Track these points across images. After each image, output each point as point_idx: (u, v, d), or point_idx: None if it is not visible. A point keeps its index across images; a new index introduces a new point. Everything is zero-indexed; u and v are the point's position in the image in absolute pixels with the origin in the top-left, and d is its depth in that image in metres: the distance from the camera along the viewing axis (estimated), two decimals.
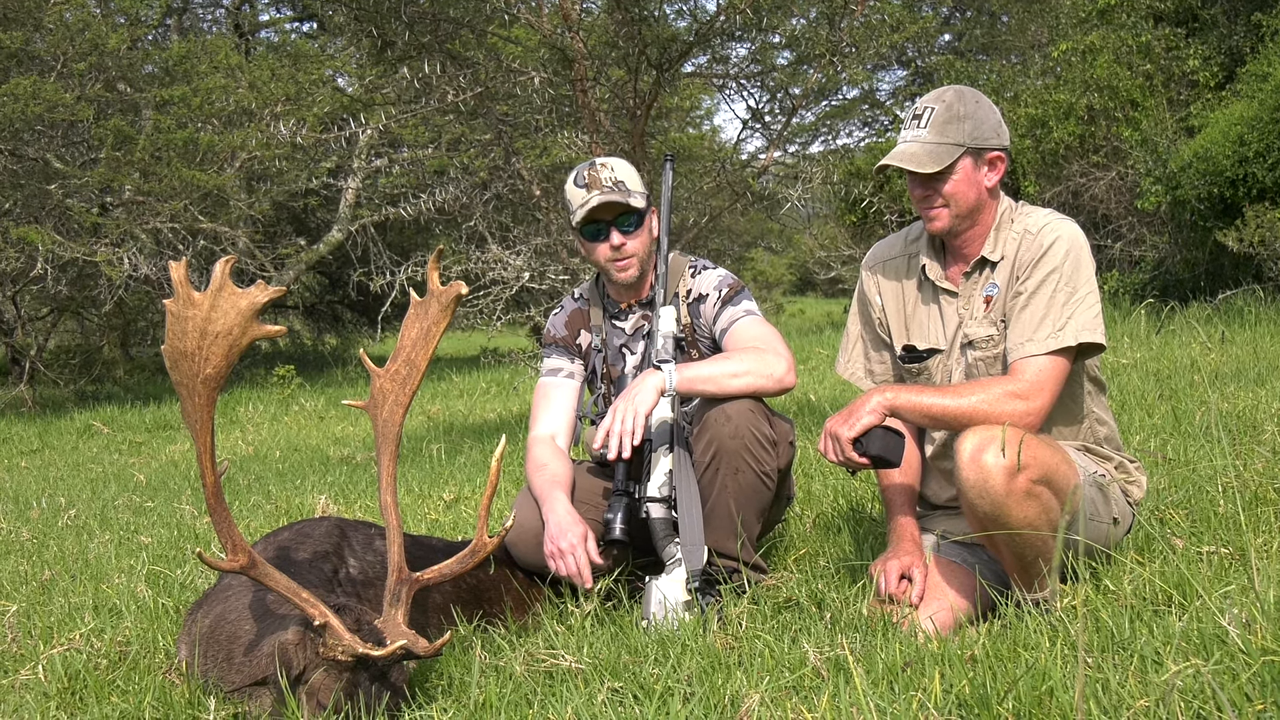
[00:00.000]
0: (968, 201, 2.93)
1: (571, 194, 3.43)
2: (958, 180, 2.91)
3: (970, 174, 2.91)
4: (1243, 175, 10.26)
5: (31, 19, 14.75)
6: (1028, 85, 14.07)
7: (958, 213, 2.93)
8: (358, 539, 3.09)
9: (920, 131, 2.92)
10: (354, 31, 8.21)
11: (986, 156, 2.93)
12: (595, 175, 3.40)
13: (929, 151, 2.89)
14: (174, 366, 2.45)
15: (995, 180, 2.95)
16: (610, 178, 3.39)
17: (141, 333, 20.27)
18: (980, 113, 2.92)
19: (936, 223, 2.97)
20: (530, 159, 10.31)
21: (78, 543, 5.17)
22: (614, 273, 3.44)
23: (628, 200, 3.34)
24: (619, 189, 3.37)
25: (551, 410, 3.53)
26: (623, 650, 2.74)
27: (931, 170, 2.87)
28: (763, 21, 7.80)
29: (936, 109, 2.91)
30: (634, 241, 3.40)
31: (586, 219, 3.37)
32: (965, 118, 2.89)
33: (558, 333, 3.62)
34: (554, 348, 3.60)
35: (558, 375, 3.57)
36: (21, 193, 14.95)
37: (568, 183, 3.46)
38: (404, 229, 18.91)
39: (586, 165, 3.44)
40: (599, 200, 3.33)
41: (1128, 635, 2.34)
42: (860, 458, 2.80)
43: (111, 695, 2.80)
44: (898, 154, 2.92)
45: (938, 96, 2.95)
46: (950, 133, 2.89)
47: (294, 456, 9.10)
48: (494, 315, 8.49)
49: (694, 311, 3.47)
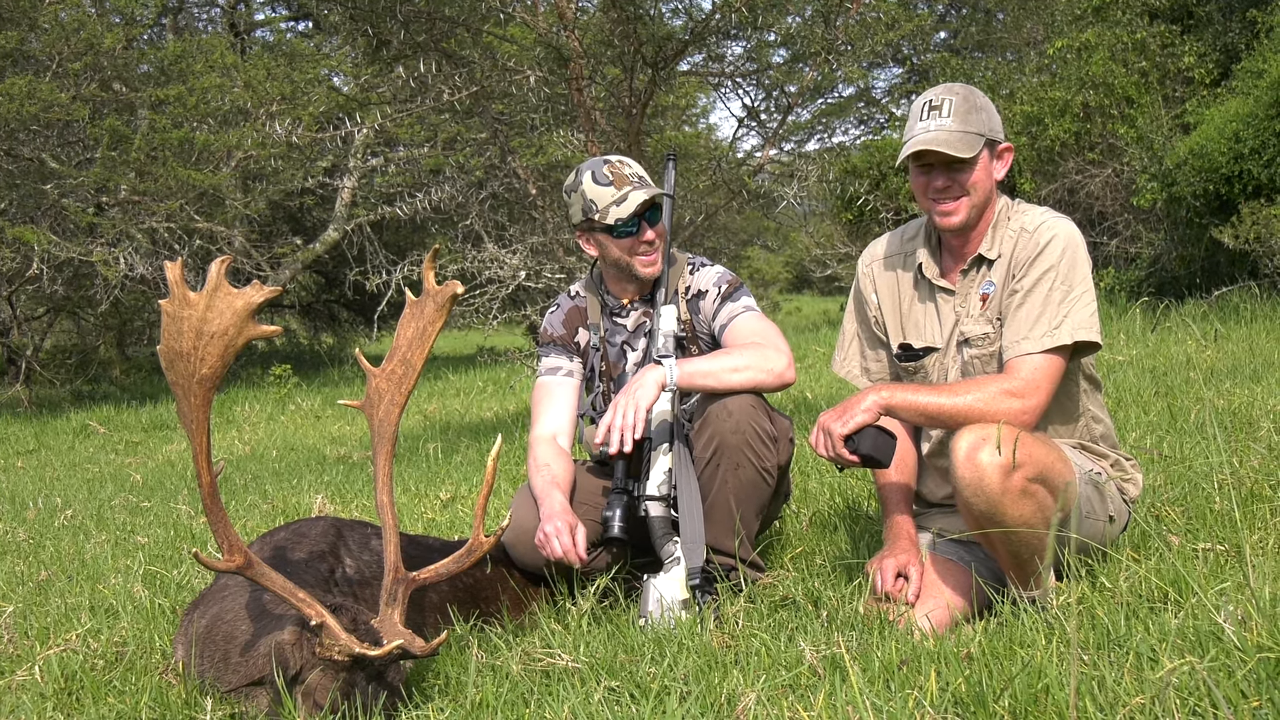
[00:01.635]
0: (985, 191, 2.95)
1: (595, 192, 3.34)
2: (979, 170, 2.92)
3: (987, 165, 2.95)
4: (1238, 172, 10.27)
5: (27, 18, 14.73)
6: (1023, 82, 14.09)
7: (975, 203, 2.94)
8: (354, 538, 3.09)
9: (945, 120, 2.89)
10: (349, 30, 8.21)
11: (999, 149, 2.97)
12: (619, 172, 3.35)
13: (960, 138, 2.88)
14: (170, 366, 2.45)
15: (1003, 173, 2.99)
16: (634, 174, 3.36)
17: (137, 333, 20.25)
18: (989, 106, 2.96)
19: (954, 217, 2.94)
20: (526, 158, 10.31)
21: (74, 543, 5.17)
22: (640, 268, 3.38)
23: (663, 191, 3.33)
24: (645, 183, 3.36)
25: (553, 409, 3.49)
26: (619, 649, 2.74)
27: (967, 155, 2.87)
28: (758, 19, 7.80)
29: (955, 100, 2.91)
30: (658, 233, 3.39)
31: (630, 214, 3.30)
32: (982, 109, 2.93)
33: (556, 331, 3.57)
34: (552, 346, 3.56)
35: (557, 374, 3.52)
36: (17, 192, 14.93)
37: (584, 182, 3.36)
38: (400, 228, 18.88)
39: (600, 163, 3.38)
40: (645, 195, 3.29)
41: (1123, 632, 2.35)
42: (851, 455, 2.80)
43: (108, 696, 2.80)
44: (931, 140, 2.88)
45: (949, 89, 2.95)
46: (973, 122, 2.90)
47: (290, 456, 9.09)
48: (490, 314, 8.48)
49: (693, 308, 3.45)
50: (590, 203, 3.35)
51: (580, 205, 3.38)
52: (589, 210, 3.36)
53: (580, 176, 3.39)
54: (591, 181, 3.35)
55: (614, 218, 3.31)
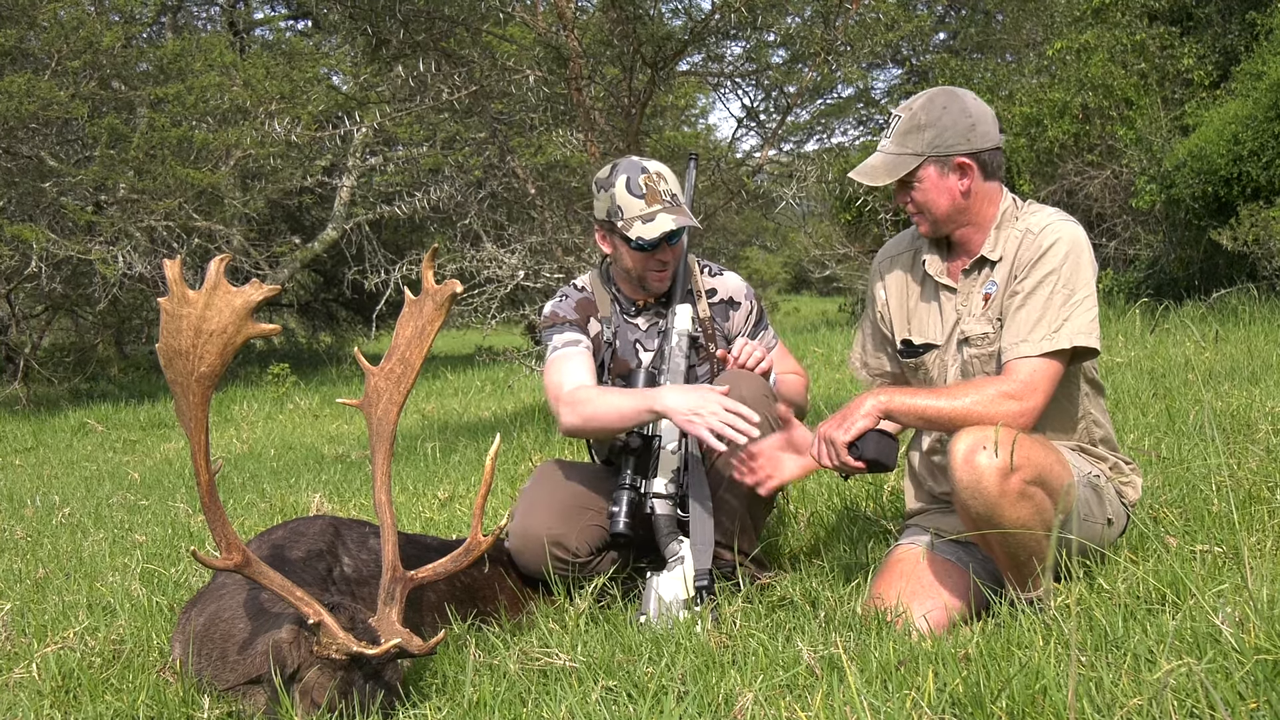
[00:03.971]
0: (940, 209, 2.94)
1: (625, 201, 3.25)
2: (924, 188, 2.93)
3: (937, 181, 2.91)
4: (1237, 174, 10.27)
5: (26, 16, 14.71)
6: (1022, 84, 14.08)
7: (933, 219, 2.97)
8: (352, 537, 3.09)
9: (886, 142, 2.97)
10: (348, 29, 8.18)
11: (953, 162, 2.90)
12: (654, 188, 3.25)
13: (886, 163, 2.94)
14: (168, 365, 2.45)
15: (968, 185, 2.92)
16: (668, 191, 3.26)
17: (136, 331, 20.21)
18: (946, 119, 2.88)
19: (921, 228, 3.03)
20: (525, 157, 10.30)
21: (72, 541, 5.17)
22: (652, 282, 3.35)
23: (694, 222, 3.25)
24: (675, 204, 3.27)
25: (578, 372, 3.30)
26: (617, 649, 2.74)
27: (884, 182, 2.92)
28: (757, 20, 7.80)
29: (902, 119, 2.94)
30: (676, 252, 3.34)
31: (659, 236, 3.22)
32: (926, 126, 2.89)
33: (569, 314, 3.44)
34: (566, 325, 3.42)
35: (578, 345, 3.37)
36: (16, 190, 14.91)
37: (617, 185, 3.27)
38: (399, 227, 18.87)
39: (639, 171, 3.28)
40: (673, 223, 3.21)
41: (1121, 634, 2.35)
42: (855, 462, 2.81)
43: (106, 694, 2.80)
44: (861, 167, 2.99)
45: (907, 105, 2.97)
46: (909, 143, 2.91)
47: (288, 455, 9.09)
48: (489, 314, 8.48)
49: (720, 312, 3.48)
50: (618, 208, 3.27)
51: (607, 205, 3.31)
52: (614, 215, 3.29)
53: (615, 177, 3.30)
54: (624, 189, 3.26)
55: (636, 234, 3.24)
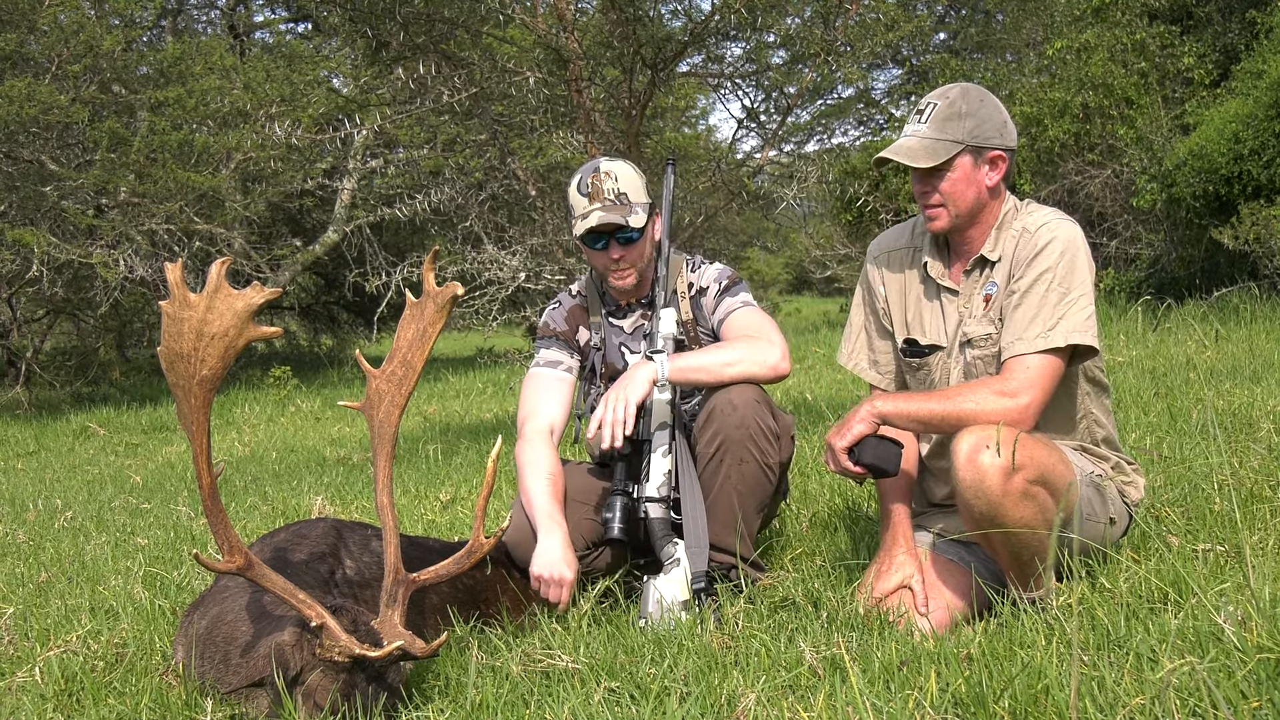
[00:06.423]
0: (966, 201, 2.92)
1: (574, 201, 3.37)
2: (955, 178, 2.90)
3: (969, 172, 2.91)
4: (1238, 173, 10.27)
5: (26, 21, 14.72)
6: (1023, 83, 14.08)
7: (956, 212, 2.93)
8: (354, 540, 3.09)
9: (920, 126, 2.91)
10: (349, 32, 8.19)
11: (987, 155, 2.91)
12: (598, 185, 3.33)
13: (926, 146, 2.89)
14: (170, 368, 2.45)
15: (996, 180, 2.93)
16: (613, 189, 3.33)
17: (137, 334, 20.25)
18: (984, 111, 2.90)
19: (936, 222, 2.97)
20: (526, 159, 10.32)
21: (74, 544, 5.17)
22: (612, 280, 3.41)
23: (627, 219, 3.28)
24: (620, 202, 3.32)
25: (549, 402, 3.45)
26: (619, 650, 2.74)
27: (926, 165, 2.87)
28: (757, 20, 7.80)
29: (939, 105, 2.91)
30: (633, 252, 3.36)
31: (586, 231, 3.33)
32: (967, 115, 2.89)
33: (558, 326, 3.55)
34: (553, 340, 3.54)
35: (557, 368, 3.50)
36: (17, 195, 14.92)
37: (571, 186, 3.40)
38: (400, 230, 18.89)
39: (591, 171, 3.37)
40: (598, 220, 3.29)
41: (1123, 633, 2.35)
42: (855, 467, 2.82)
43: (108, 697, 2.80)
44: (896, 148, 2.92)
45: (943, 93, 2.94)
46: (950, 129, 2.88)
47: (290, 458, 9.09)
48: (490, 316, 8.50)
49: (696, 305, 3.47)
50: (570, 207, 3.41)
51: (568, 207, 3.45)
52: (569, 214, 3.41)
53: (574, 176, 3.43)
54: (575, 188, 3.39)
55: (576, 231, 3.35)
